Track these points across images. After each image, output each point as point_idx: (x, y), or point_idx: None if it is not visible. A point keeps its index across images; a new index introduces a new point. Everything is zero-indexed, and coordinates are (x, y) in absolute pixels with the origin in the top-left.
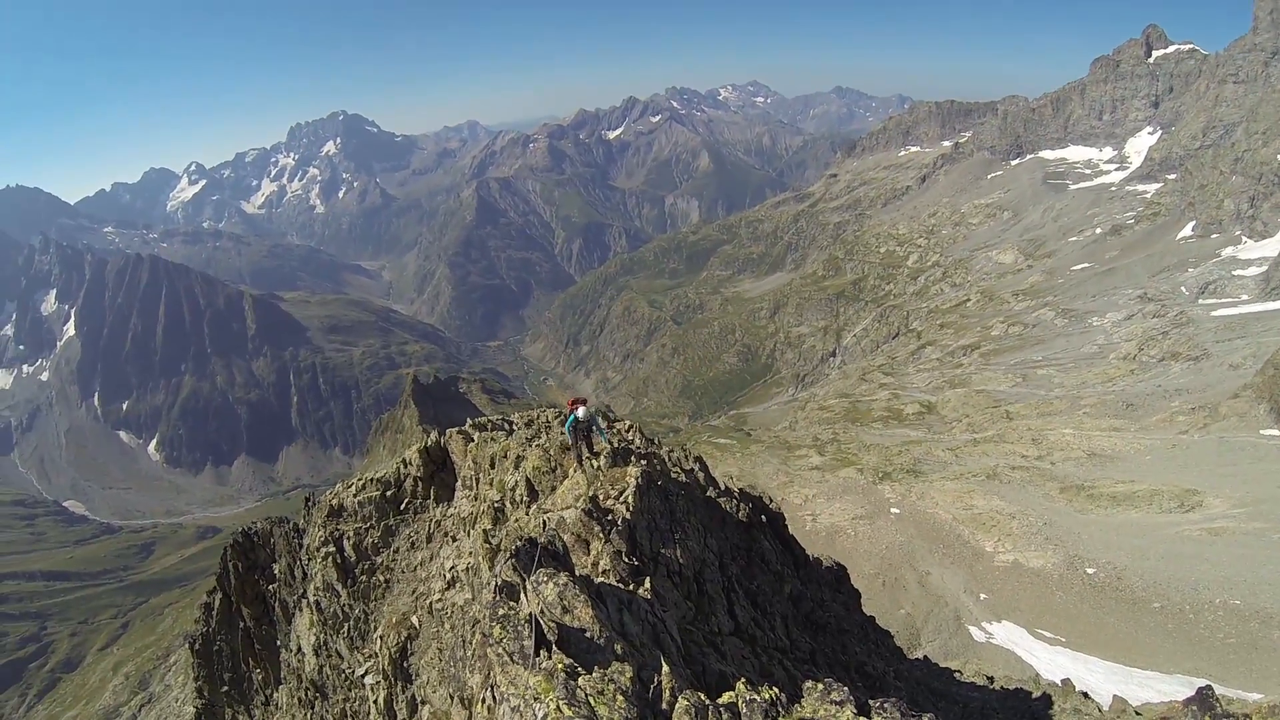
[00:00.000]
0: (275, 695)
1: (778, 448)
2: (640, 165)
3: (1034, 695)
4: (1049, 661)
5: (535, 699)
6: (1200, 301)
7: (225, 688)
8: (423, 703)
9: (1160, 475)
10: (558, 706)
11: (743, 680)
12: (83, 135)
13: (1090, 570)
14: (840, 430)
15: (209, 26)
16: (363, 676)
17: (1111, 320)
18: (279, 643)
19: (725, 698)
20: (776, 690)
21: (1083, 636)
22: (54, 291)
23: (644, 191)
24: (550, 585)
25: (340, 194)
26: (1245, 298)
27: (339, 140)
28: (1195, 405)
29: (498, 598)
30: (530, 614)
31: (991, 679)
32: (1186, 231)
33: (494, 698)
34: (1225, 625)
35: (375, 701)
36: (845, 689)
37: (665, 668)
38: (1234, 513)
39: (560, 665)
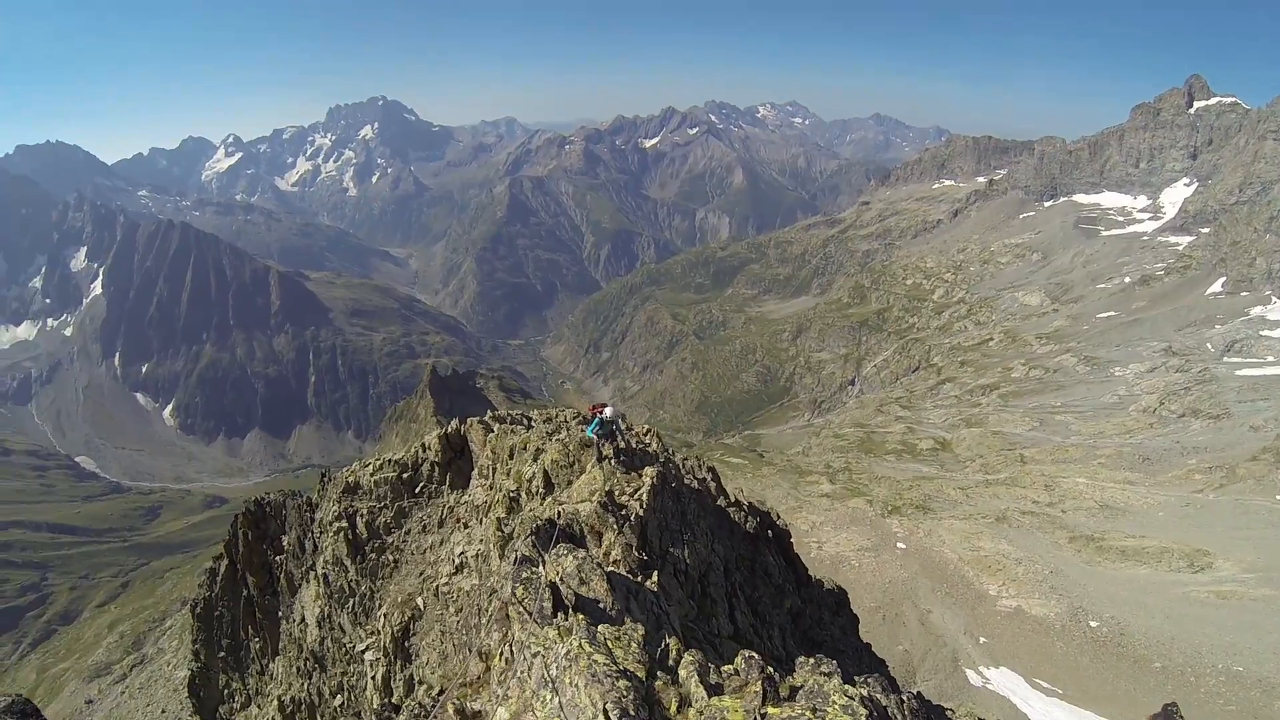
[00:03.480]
0: (271, 665)
1: (789, 472)
2: (674, 176)
3: None
4: (1044, 713)
5: (557, 641)
6: (1225, 359)
7: (222, 653)
8: (420, 683)
9: (1172, 533)
10: (580, 644)
11: (742, 652)
12: (125, 98)
13: (1094, 623)
14: (853, 460)
15: (260, 4)
16: (363, 652)
17: (1134, 371)
18: (280, 614)
19: (726, 669)
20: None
21: (1081, 690)
22: (84, 249)
23: (676, 203)
24: (570, 558)
25: (374, 179)
26: (1271, 359)
27: (376, 125)
28: (1213, 464)
29: (519, 567)
30: (550, 580)
31: None
32: (1216, 287)
33: (512, 650)
34: (1226, 691)
35: (373, 677)
36: (834, 662)
37: (673, 636)
38: (1244, 577)
39: (580, 619)
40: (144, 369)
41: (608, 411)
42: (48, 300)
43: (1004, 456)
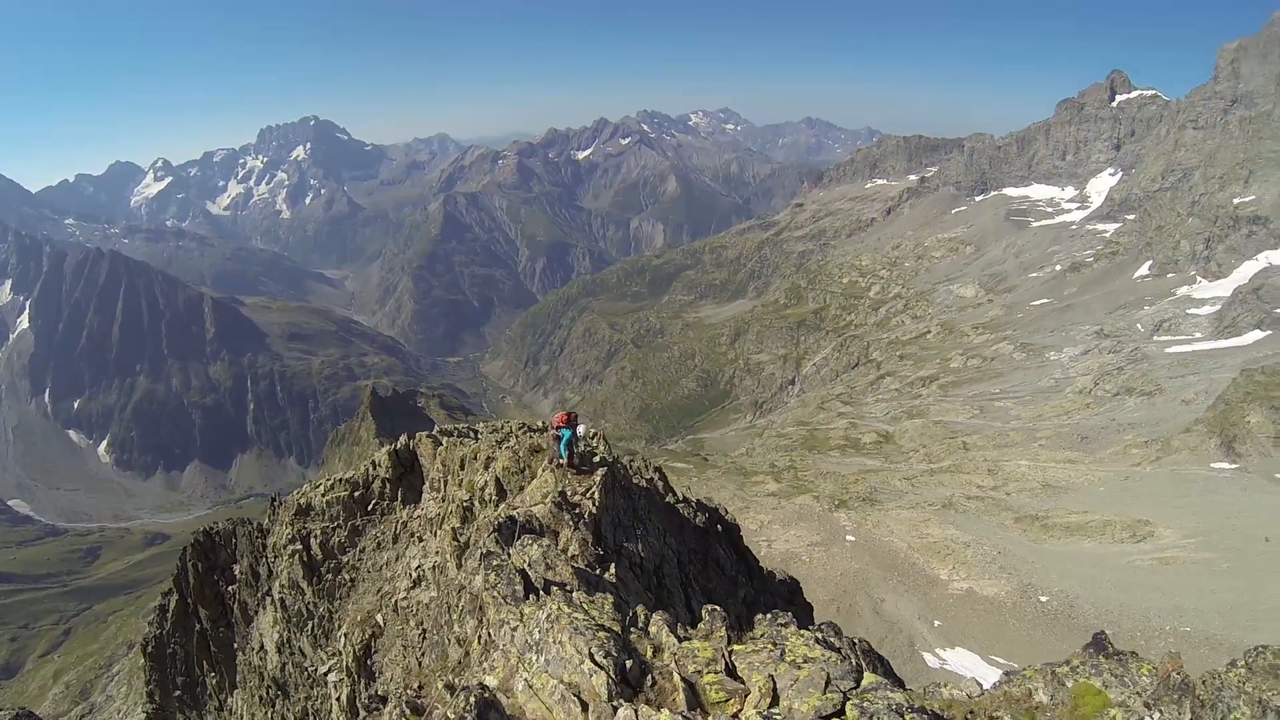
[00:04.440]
0: (230, 699)
1: (734, 473)
2: (608, 187)
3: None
4: None
5: (537, 610)
6: (1155, 338)
7: (178, 692)
8: (383, 699)
9: (1113, 506)
10: (559, 606)
11: (706, 606)
12: (47, 124)
13: (1044, 598)
14: (798, 458)
15: (182, 22)
16: (326, 674)
17: (1069, 355)
18: (236, 645)
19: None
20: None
21: (1035, 663)
22: (9, 282)
23: (610, 213)
24: (535, 547)
25: (307, 200)
26: (1199, 335)
27: (309, 146)
28: (1148, 439)
29: (485, 559)
30: (519, 567)
31: None
32: (1143, 271)
33: (490, 632)
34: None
35: (338, 699)
36: (790, 614)
37: (641, 604)
38: (1184, 543)
39: (555, 591)
40: (76, 404)
41: (581, 429)
42: None
43: (947, 445)
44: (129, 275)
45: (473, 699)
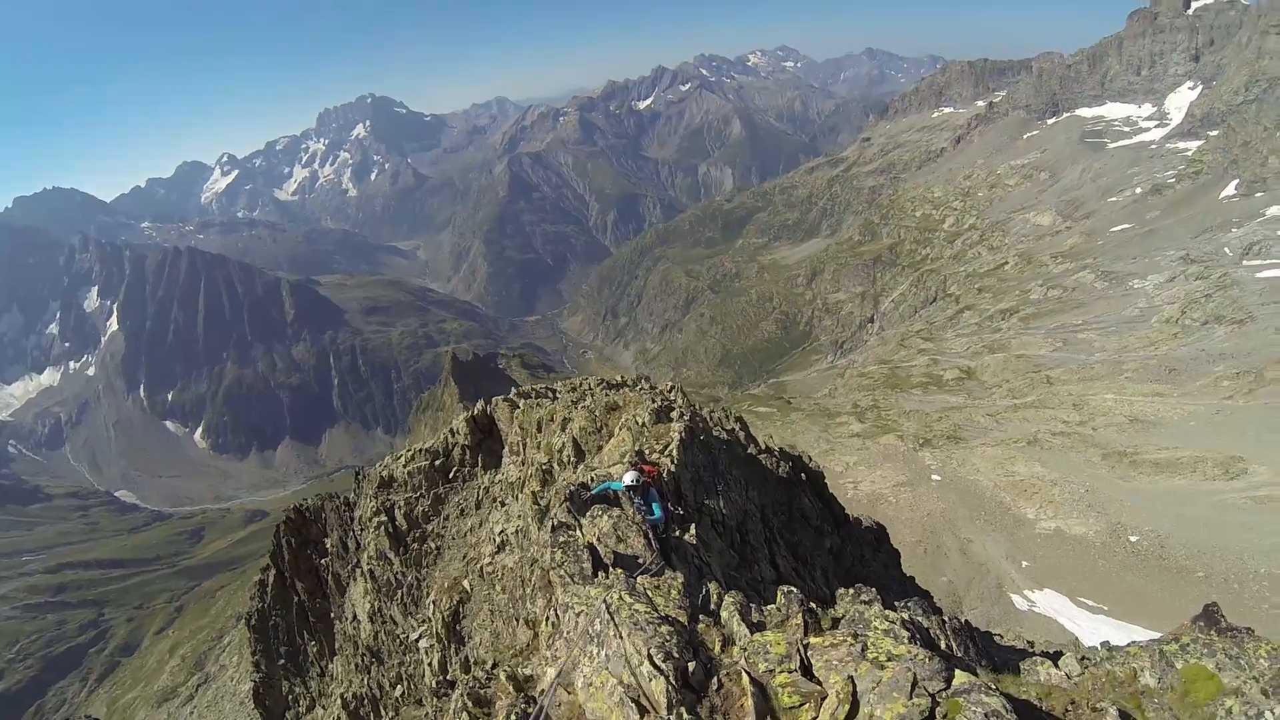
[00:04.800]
0: (330, 666)
1: (818, 415)
2: (672, 134)
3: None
4: (1091, 630)
5: (598, 597)
6: (1244, 263)
7: (282, 661)
8: (475, 663)
9: (1204, 442)
10: (620, 596)
11: (782, 588)
12: (115, 134)
13: (1133, 538)
14: (880, 397)
15: (234, 18)
16: (417, 640)
17: (1153, 283)
18: (333, 615)
19: (769, 607)
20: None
21: (1125, 605)
22: (96, 288)
23: (677, 161)
24: (605, 518)
25: (372, 176)
26: None
27: (368, 123)
28: (1240, 370)
29: (556, 533)
30: (587, 541)
31: (1031, 643)
32: (1230, 190)
33: (557, 613)
34: (1270, 595)
35: (430, 664)
36: (873, 590)
37: (713, 581)
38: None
39: (619, 573)
40: (170, 396)
41: (629, 477)
42: (67, 344)
43: (1030, 379)
44: (207, 268)
45: (514, 717)
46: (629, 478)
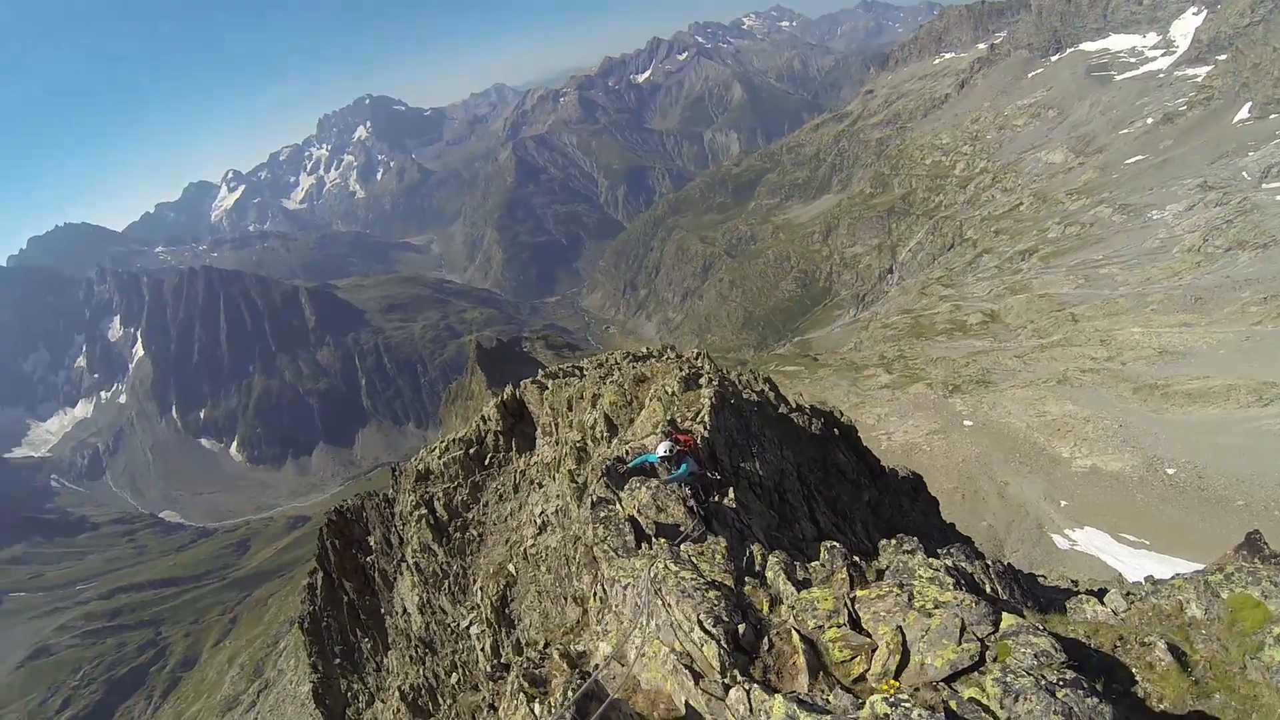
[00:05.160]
0: (385, 660)
1: (846, 370)
2: (674, 104)
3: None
4: (1134, 565)
5: (644, 568)
6: (1264, 186)
7: (338, 660)
8: (528, 644)
9: (1235, 369)
10: (665, 565)
11: (824, 543)
12: (119, 164)
13: (1170, 471)
14: (906, 346)
15: (219, 38)
16: (468, 627)
17: (1172, 212)
18: (383, 610)
19: (813, 564)
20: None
21: (1167, 538)
22: (118, 318)
23: (681, 130)
24: (643, 490)
25: (378, 176)
26: None
27: (369, 124)
28: (1267, 295)
29: (596, 509)
30: (628, 515)
31: (1075, 582)
32: (1243, 114)
33: (604, 588)
34: None
35: (482, 649)
36: (915, 540)
37: (756, 543)
38: None
39: (663, 543)
40: (202, 414)
41: (663, 447)
42: (96, 375)
43: (1054, 318)
44: (224, 285)
45: (570, 693)
46: (663, 448)
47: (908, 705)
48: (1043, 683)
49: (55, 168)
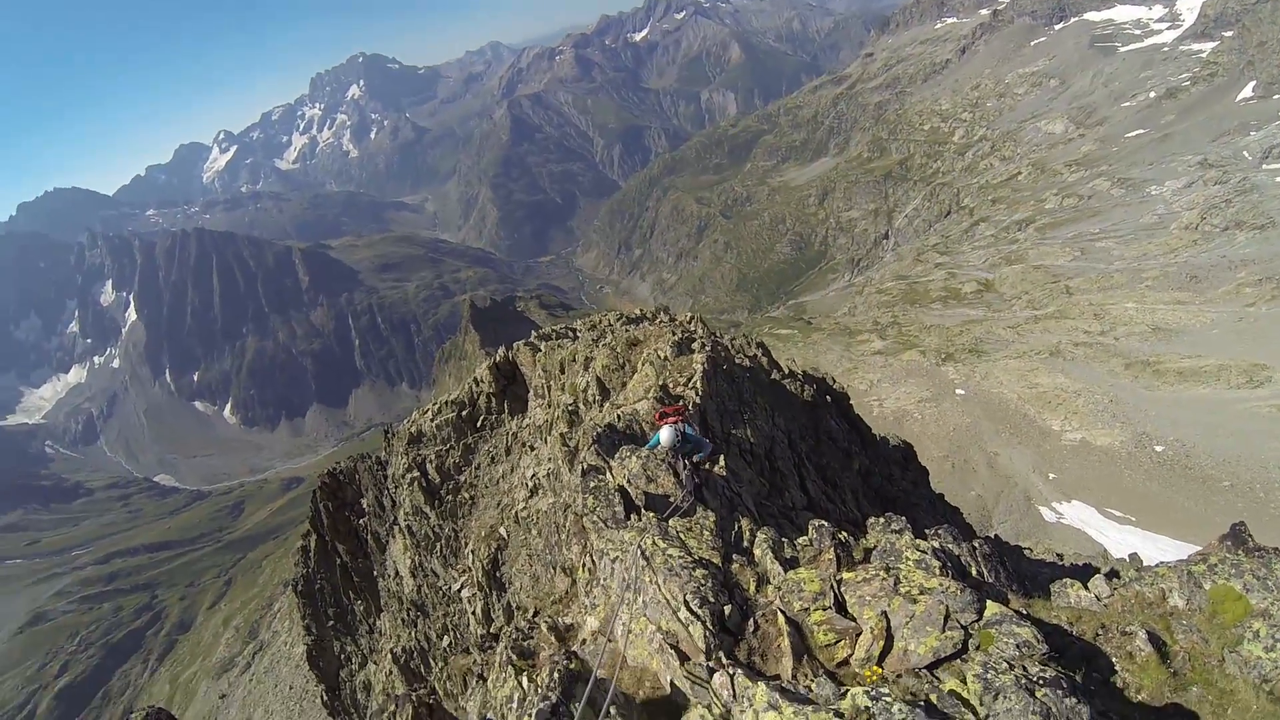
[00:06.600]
0: (378, 622)
1: (839, 334)
2: (671, 64)
3: (1102, 571)
4: (1119, 541)
5: (632, 543)
6: (1265, 166)
7: (331, 622)
8: (518, 608)
9: (1228, 349)
10: (653, 540)
11: (812, 521)
12: (108, 127)
13: (1159, 448)
14: (900, 313)
15: None
16: (459, 591)
17: (1171, 189)
18: (376, 573)
19: (800, 540)
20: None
21: (1152, 515)
22: (109, 282)
23: (678, 90)
24: (634, 459)
25: (372, 135)
26: None
27: (362, 82)
28: (1262, 276)
29: (586, 478)
30: (618, 485)
31: (1060, 556)
32: (1247, 92)
33: (593, 560)
34: None
35: (473, 612)
36: (904, 519)
37: (745, 516)
38: None
39: (651, 517)
40: (195, 377)
41: (666, 433)
42: (88, 340)
43: (1049, 290)
44: (216, 247)
45: (558, 674)
46: (666, 436)
47: (889, 699)
48: (1023, 681)
49: (43, 132)
